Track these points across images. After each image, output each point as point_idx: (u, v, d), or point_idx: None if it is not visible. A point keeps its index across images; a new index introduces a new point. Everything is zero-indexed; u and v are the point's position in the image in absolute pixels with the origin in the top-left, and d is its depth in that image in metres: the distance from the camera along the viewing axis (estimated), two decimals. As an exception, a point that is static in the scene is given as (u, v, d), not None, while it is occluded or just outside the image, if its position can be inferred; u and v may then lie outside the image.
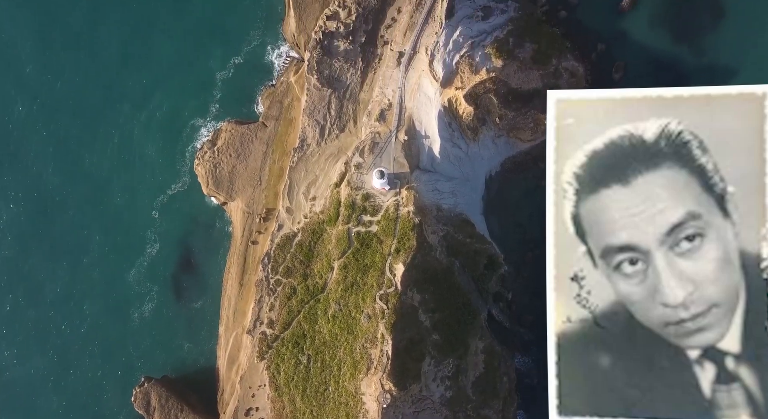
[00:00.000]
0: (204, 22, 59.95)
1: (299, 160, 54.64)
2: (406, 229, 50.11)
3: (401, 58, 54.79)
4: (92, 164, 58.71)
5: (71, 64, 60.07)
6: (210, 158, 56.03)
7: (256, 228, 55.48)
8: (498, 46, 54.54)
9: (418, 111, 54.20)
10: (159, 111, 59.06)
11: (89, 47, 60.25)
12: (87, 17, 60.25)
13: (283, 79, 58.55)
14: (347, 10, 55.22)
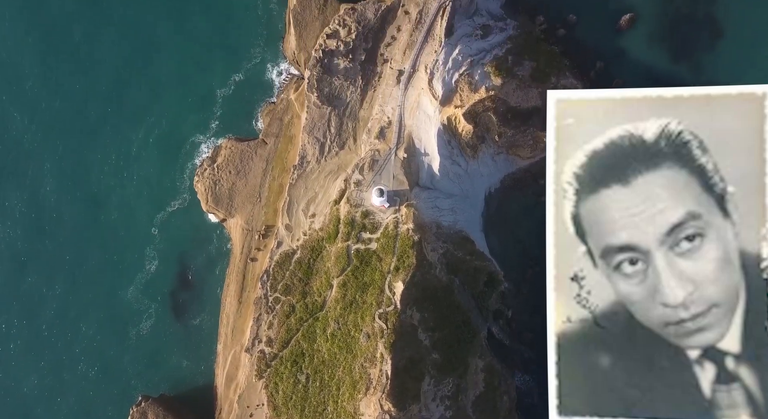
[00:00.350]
0: (205, 40, 60.39)
1: (299, 177, 54.67)
2: (406, 247, 49.97)
3: (401, 77, 55.09)
4: (91, 181, 58.72)
5: (70, 81, 60.33)
6: (210, 174, 56.07)
7: (256, 245, 55.34)
8: (497, 64, 54.88)
9: (418, 129, 54.37)
10: (159, 128, 59.25)
11: (89, 64, 60.56)
12: (87, 34, 60.65)
13: (283, 97, 58.83)
14: (347, 29, 55.65)
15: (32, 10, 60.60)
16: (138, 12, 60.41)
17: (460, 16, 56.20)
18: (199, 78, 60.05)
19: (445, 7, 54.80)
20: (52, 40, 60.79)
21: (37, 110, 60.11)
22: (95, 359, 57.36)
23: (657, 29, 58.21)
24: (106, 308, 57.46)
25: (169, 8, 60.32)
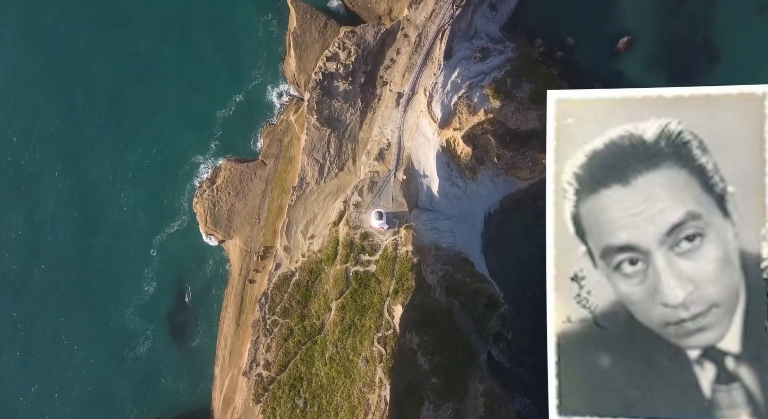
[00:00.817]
0: (206, 61, 60.77)
1: (298, 198, 54.64)
2: (405, 269, 49.74)
3: (400, 99, 55.38)
4: (89, 202, 58.53)
5: (69, 101, 60.35)
6: (209, 196, 56.06)
7: (254, 267, 55.11)
8: (496, 86, 55.19)
9: (417, 151, 54.49)
10: (158, 148, 59.33)
11: (88, 85, 60.59)
12: (86, 55, 60.83)
13: (283, 118, 59.08)
14: (347, 52, 56.09)
15: (31, 30, 60.97)
16: (139, 33, 60.86)
17: (459, 39, 56.68)
18: (200, 99, 60.33)
19: (444, 31, 55.30)
20: (51, 61, 60.93)
21: (35, 131, 60.09)
22: (89, 382, 56.71)
23: (655, 52, 58.66)
24: (102, 330, 56.99)
25: (170, 30, 60.83)
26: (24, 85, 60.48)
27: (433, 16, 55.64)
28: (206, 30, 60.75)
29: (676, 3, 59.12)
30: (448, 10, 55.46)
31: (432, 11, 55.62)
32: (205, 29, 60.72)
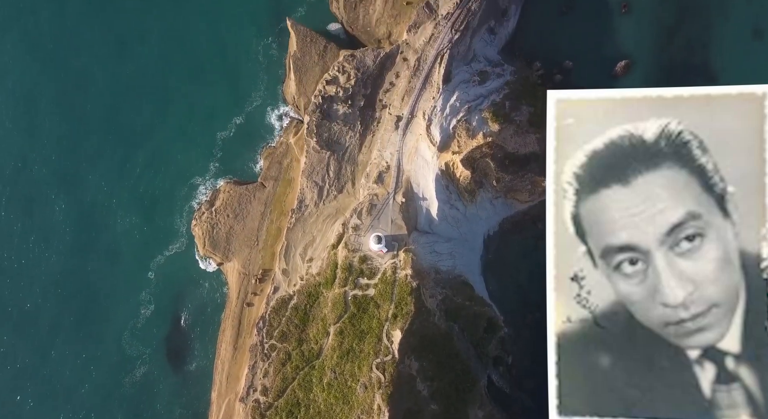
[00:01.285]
0: (206, 83, 61.17)
1: (297, 221, 54.53)
2: (404, 293, 49.40)
3: (399, 122, 55.58)
4: (88, 223, 58.45)
5: (67, 120, 60.51)
6: (207, 218, 55.97)
7: (252, 290, 54.78)
8: (494, 110, 55.42)
9: (416, 174, 54.51)
10: (157, 170, 59.42)
11: (87, 105, 60.82)
12: (85, 75, 61.12)
13: (282, 140, 59.25)
14: (346, 75, 56.45)
15: (30, 52, 61.34)
16: (139, 55, 61.31)
17: (457, 63, 57.07)
18: (200, 120, 60.62)
19: (443, 55, 55.72)
20: (50, 81, 61.14)
21: (32, 151, 60.11)
22: (84, 406, 56.00)
23: (652, 76, 58.99)
24: (98, 354, 56.46)
25: (171, 52, 61.30)
26: (22, 108, 60.74)
27: (431, 40, 56.12)
28: (207, 52, 61.27)
29: (674, 27, 59.66)
30: (447, 35, 55.97)
31: (431, 35, 56.12)
32: (206, 52, 61.25)
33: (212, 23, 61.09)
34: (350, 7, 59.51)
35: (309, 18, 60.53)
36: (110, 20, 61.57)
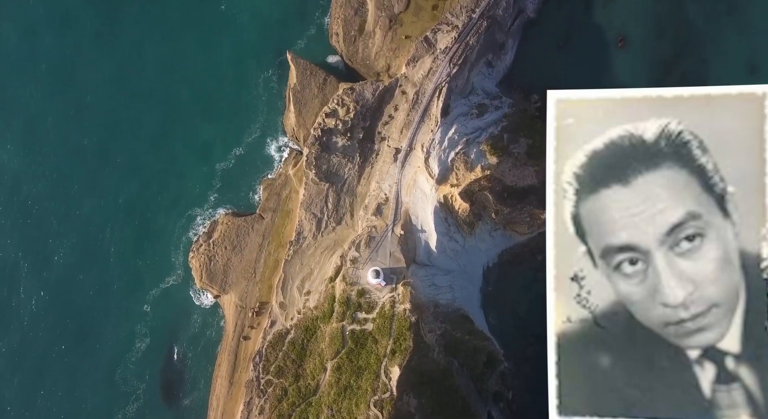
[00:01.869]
0: (207, 115, 61.64)
1: (295, 253, 54.24)
2: (403, 328, 48.81)
3: (398, 155, 55.80)
4: (83, 256, 58.09)
5: (63, 148, 60.59)
6: (205, 250, 55.70)
7: (249, 323, 54.17)
8: (493, 142, 55.68)
9: (415, 206, 54.48)
10: (156, 201, 59.38)
11: (87, 131, 60.94)
12: (84, 100, 61.39)
13: (281, 171, 59.39)
14: (346, 108, 56.90)
15: (25, 81, 61.50)
16: (140, 86, 61.72)
17: (456, 96, 57.59)
18: (200, 152, 60.88)
19: (441, 88, 56.26)
20: (44, 108, 61.26)
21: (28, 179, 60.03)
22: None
23: (649, 109, 59.36)
24: (93, 388, 55.50)
25: (172, 84, 61.86)
26: (19, 134, 60.59)
27: (430, 74, 56.74)
28: (208, 84, 61.85)
29: (670, 62, 60.37)
30: (445, 69, 56.62)
31: (429, 69, 56.76)
32: (207, 83, 61.83)
33: (213, 55, 61.82)
34: (350, 41, 60.36)
35: (309, 50, 61.34)
36: (111, 51, 62.20)
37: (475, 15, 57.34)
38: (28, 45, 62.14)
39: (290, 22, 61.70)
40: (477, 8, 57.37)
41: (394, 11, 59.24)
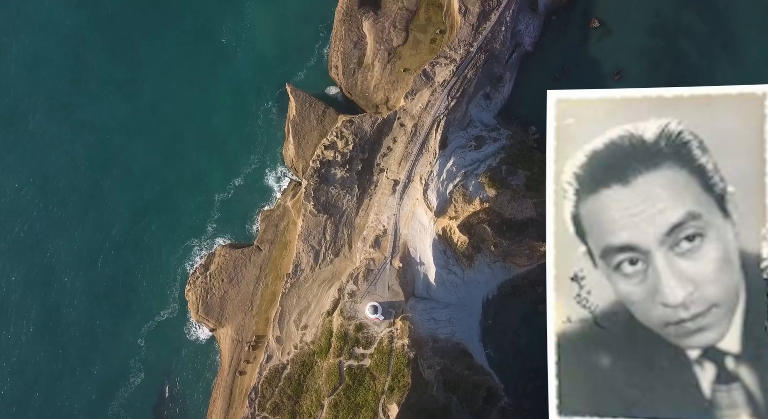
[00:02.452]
0: (207, 146, 61.82)
1: (292, 286, 53.76)
2: (401, 364, 48.02)
3: (396, 186, 55.81)
4: (76, 287, 57.46)
5: (62, 178, 60.46)
6: (202, 283, 55.20)
7: (245, 357, 53.32)
8: (491, 174, 55.74)
9: (413, 238, 54.23)
10: (153, 232, 59.08)
11: (84, 158, 60.83)
12: (84, 130, 61.49)
13: (280, 202, 59.30)
14: (344, 140, 57.14)
15: (21, 131, 61.67)
16: (139, 115, 61.90)
17: (454, 129, 57.92)
18: (199, 182, 60.85)
19: (440, 121, 56.62)
20: (53, 139, 61.56)
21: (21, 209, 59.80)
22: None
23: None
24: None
25: (172, 115, 62.17)
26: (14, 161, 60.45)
27: (428, 107, 57.17)
28: (208, 115, 62.21)
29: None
30: (444, 102, 57.08)
31: (427, 102, 57.21)
32: (207, 115, 62.20)
33: (213, 87, 62.33)
34: (349, 73, 61.00)
35: (308, 81, 61.92)
36: (108, 82, 62.36)
37: (473, 49, 58.10)
38: (27, 77, 62.53)
39: (290, 54, 62.43)
40: (475, 42, 58.16)
41: (392, 45, 60.04)
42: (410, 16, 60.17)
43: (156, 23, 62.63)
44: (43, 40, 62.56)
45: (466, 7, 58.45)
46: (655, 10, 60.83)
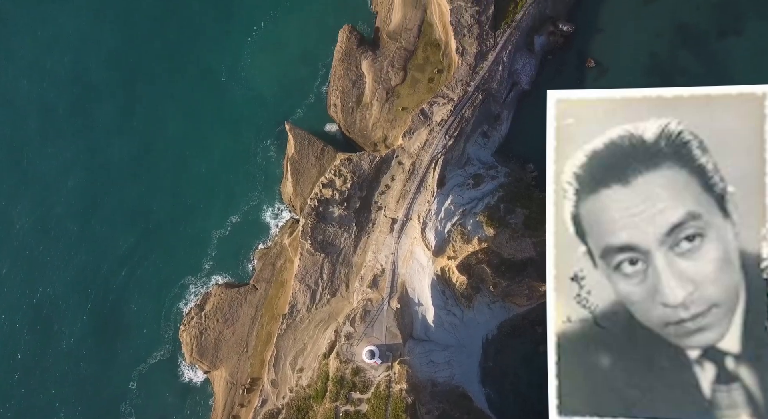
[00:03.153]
0: (205, 183, 61.71)
1: (288, 327, 52.87)
2: (399, 410, 46.82)
3: (394, 225, 55.49)
4: (66, 328, 56.37)
5: (49, 214, 60.16)
6: (196, 324, 54.32)
7: (239, 401, 52.04)
8: (489, 213, 55.49)
9: (411, 278, 53.62)
10: (149, 270, 58.45)
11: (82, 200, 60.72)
12: (78, 167, 61.34)
13: (277, 240, 58.88)
14: (343, 179, 57.10)
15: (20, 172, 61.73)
16: (140, 151, 62.03)
17: (452, 167, 57.93)
18: (196, 219, 60.55)
19: (438, 160, 56.68)
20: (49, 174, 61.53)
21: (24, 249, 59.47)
22: None
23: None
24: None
25: (171, 153, 62.27)
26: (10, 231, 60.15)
27: (426, 145, 57.32)
28: (207, 153, 62.31)
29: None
30: (441, 141, 57.27)
31: (425, 141, 57.39)
32: (206, 152, 62.31)
33: (213, 125, 62.64)
34: (347, 112, 61.39)
35: (307, 118, 62.24)
36: (108, 118, 62.67)
37: (471, 88, 58.61)
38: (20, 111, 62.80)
39: (289, 92, 62.92)
40: (472, 82, 58.71)
41: (391, 84, 60.60)
42: (408, 55, 60.93)
43: (156, 61, 63.27)
44: (37, 76, 63.19)
45: (464, 47, 59.20)
46: (650, 51, 61.60)
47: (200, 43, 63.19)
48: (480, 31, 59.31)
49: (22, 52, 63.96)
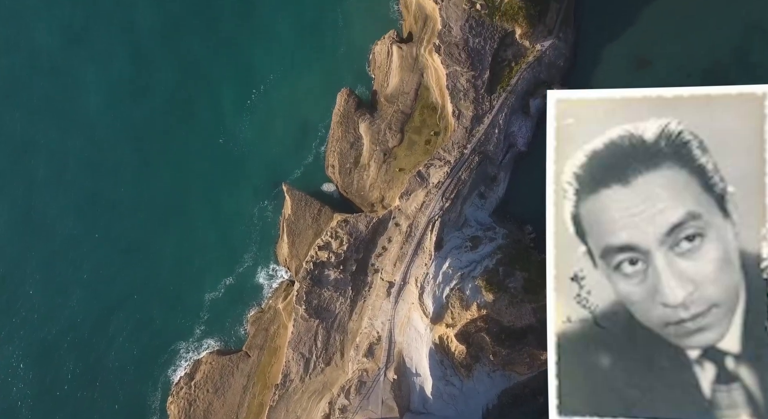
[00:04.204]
0: (199, 243, 60.93)
1: (280, 398, 50.87)
2: (395, 492, 44.23)
3: (391, 289, 54.41)
4: (49, 397, 54.08)
5: (44, 266, 59.08)
6: (185, 395, 52.29)
7: (227, 478, 49.39)
8: (488, 277, 54.53)
9: (409, 347, 52.06)
10: (138, 335, 56.80)
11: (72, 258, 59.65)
12: (72, 231, 60.59)
13: (271, 304, 57.57)
14: (339, 241, 56.45)
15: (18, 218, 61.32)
16: (131, 213, 61.36)
17: (449, 229, 57.41)
18: (190, 281, 59.37)
19: (435, 222, 56.24)
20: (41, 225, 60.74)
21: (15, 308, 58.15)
22: None
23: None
24: None
25: (166, 213, 61.74)
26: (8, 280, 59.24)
27: (423, 207, 57.02)
28: (202, 213, 61.76)
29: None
30: (438, 203, 57.01)
31: (422, 203, 57.13)
32: (202, 213, 61.77)
33: (210, 186, 62.40)
34: (345, 173, 61.43)
35: (305, 178, 62.09)
36: (105, 174, 62.46)
37: (467, 151, 58.88)
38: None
39: (288, 153, 63.05)
40: (469, 144, 59.05)
41: (388, 145, 60.95)
42: (405, 118, 61.56)
43: (152, 122, 63.41)
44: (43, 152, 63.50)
45: (460, 110, 59.91)
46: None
47: (199, 105, 63.87)
48: (476, 94, 60.16)
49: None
